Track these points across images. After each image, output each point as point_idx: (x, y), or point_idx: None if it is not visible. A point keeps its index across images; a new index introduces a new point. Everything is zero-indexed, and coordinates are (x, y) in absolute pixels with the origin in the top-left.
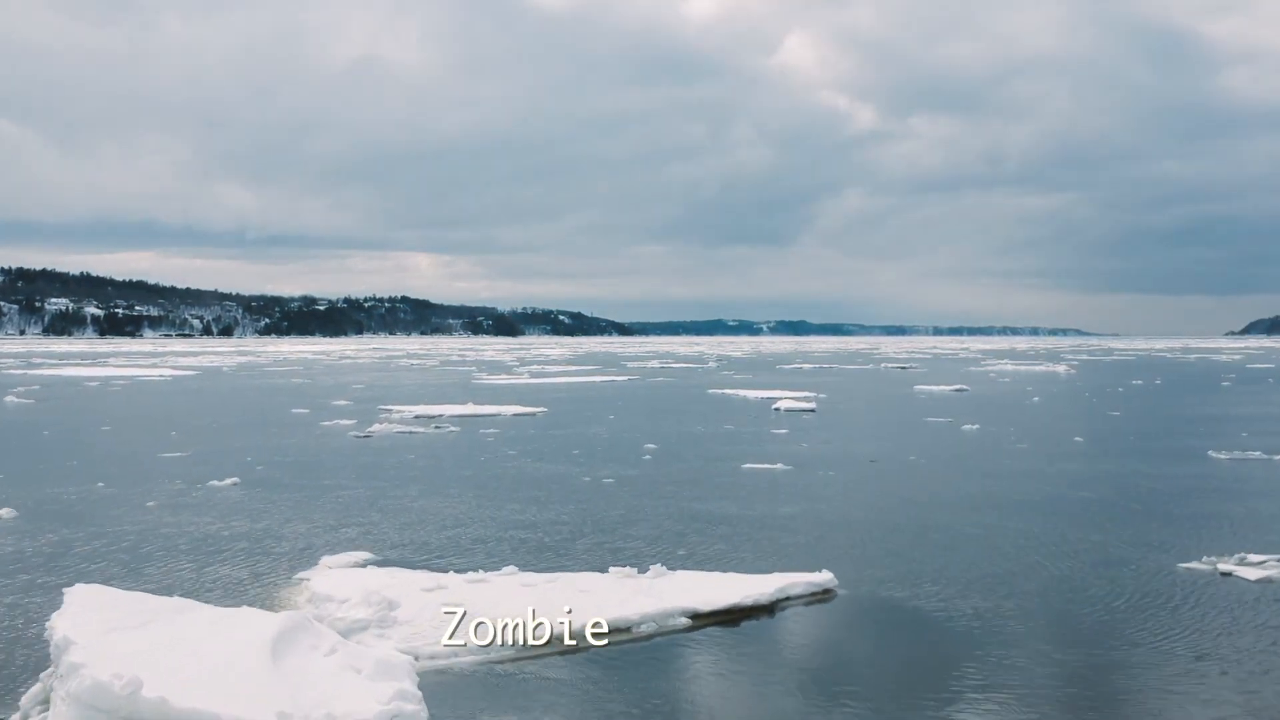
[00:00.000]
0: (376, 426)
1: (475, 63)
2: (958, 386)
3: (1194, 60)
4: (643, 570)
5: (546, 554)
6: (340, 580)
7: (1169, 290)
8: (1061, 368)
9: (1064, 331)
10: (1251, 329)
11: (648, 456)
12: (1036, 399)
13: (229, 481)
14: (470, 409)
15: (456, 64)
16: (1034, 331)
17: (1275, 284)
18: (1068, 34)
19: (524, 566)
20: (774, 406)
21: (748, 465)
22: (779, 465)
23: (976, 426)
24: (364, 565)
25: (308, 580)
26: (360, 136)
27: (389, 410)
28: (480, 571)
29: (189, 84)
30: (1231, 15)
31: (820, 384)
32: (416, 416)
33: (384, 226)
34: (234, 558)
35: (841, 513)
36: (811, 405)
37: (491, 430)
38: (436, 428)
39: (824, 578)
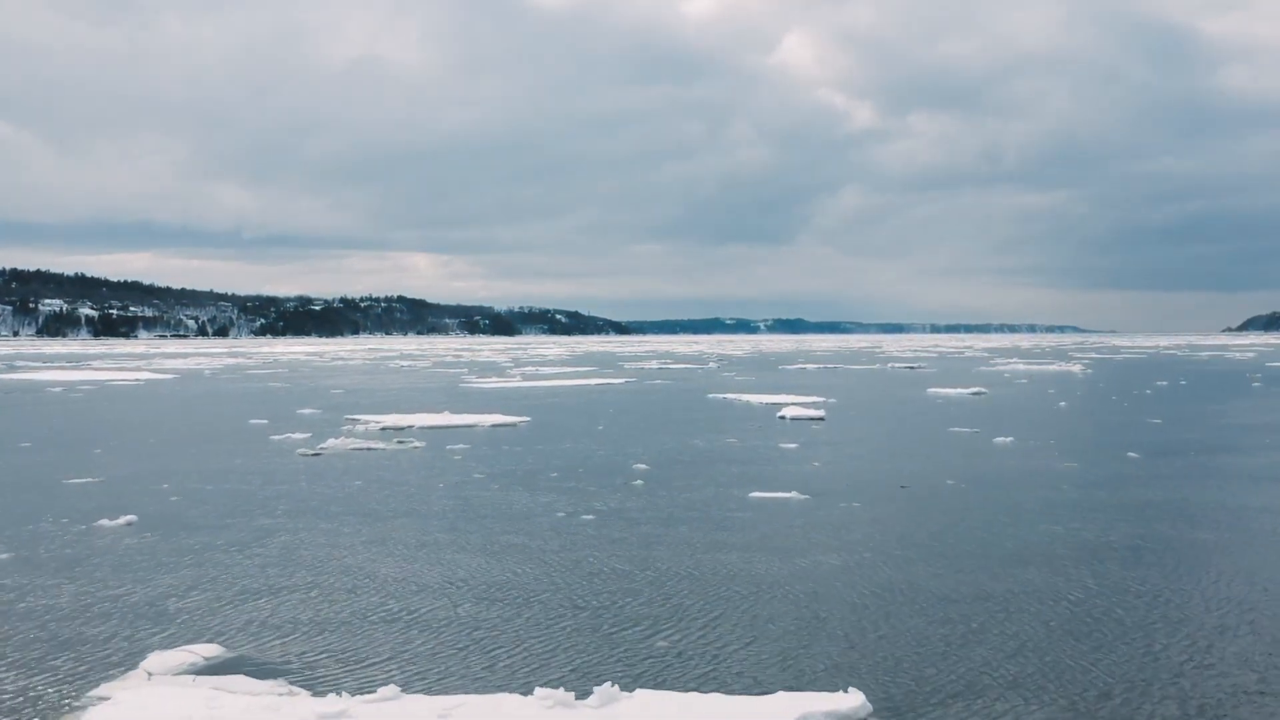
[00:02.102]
0: (331, 442)
1: (474, 62)
2: (974, 389)
3: (1192, 57)
4: (583, 695)
5: (464, 655)
6: (134, 712)
7: (1166, 287)
8: (1075, 367)
9: (1061, 328)
10: (1249, 325)
11: (638, 481)
12: (1063, 404)
13: (122, 520)
14: (445, 419)
15: (456, 64)
16: (1031, 328)
17: (1272, 281)
18: (1066, 32)
19: (420, 681)
20: (780, 414)
21: (754, 494)
22: (792, 494)
23: (1010, 439)
24: (197, 672)
25: (92, 709)
26: (359, 136)
27: (354, 421)
28: (345, 696)
29: (188, 84)
30: (1230, 12)
31: (826, 386)
32: (382, 429)
33: (382, 226)
34: (39, 651)
35: (874, 573)
36: (820, 413)
37: (462, 446)
38: (400, 443)
39: (853, 702)
